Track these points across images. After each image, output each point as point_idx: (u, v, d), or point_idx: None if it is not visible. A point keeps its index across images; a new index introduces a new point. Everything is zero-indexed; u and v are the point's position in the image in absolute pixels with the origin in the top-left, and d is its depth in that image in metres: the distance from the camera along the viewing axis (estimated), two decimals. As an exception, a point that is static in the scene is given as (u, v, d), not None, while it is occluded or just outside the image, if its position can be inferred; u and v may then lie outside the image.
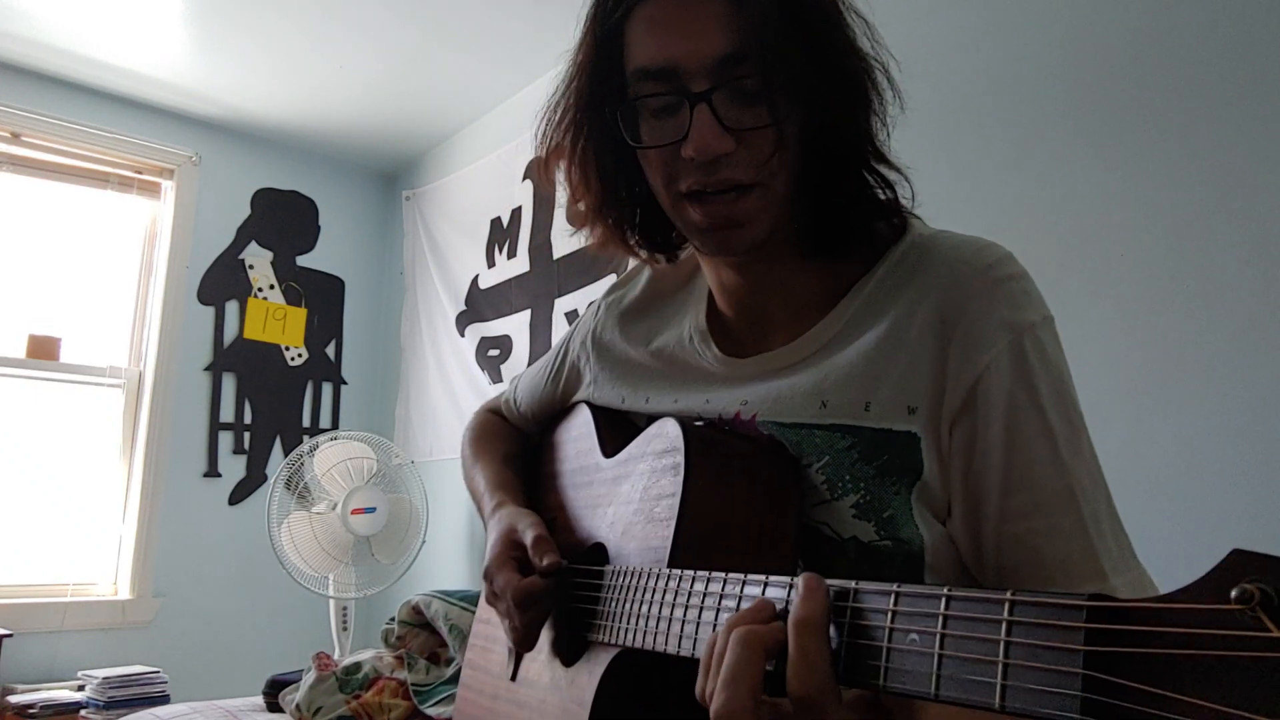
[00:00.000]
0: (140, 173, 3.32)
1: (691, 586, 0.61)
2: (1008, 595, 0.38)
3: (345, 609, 2.86)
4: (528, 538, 0.82)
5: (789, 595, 0.51)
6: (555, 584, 0.80)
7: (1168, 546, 1.35)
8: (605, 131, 0.75)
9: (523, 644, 0.82)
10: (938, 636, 0.40)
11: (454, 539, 3.12)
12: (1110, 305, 1.48)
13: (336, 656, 2.58)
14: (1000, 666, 0.37)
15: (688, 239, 0.79)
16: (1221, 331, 1.35)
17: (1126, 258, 1.47)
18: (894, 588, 0.44)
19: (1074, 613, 0.34)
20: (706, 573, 0.61)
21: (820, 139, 0.70)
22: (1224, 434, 1.32)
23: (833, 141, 0.70)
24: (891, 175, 0.74)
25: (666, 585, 0.64)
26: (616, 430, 0.88)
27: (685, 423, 0.74)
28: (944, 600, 0.41)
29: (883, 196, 0.74)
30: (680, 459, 0.70)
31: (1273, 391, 1.28)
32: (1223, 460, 1.32)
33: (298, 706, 2.03)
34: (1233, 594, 0.28)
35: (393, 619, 2.25)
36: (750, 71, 0.66)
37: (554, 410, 1.03)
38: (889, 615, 0.43)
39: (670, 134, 0.69)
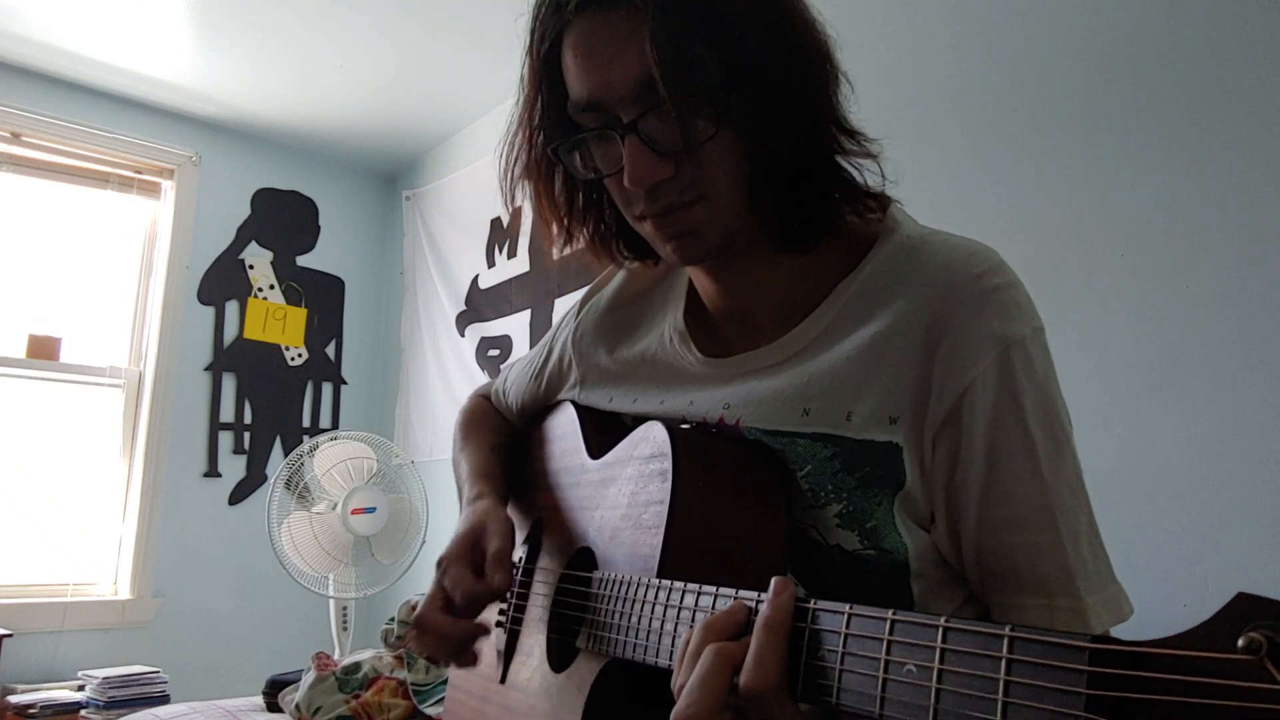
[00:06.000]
0: (140, 173, 3.31)
1: (681, 600, 0.61)
2: (1007, 631, 0.37)
3: (345, 609, 2.86)
4: (491, 547, 0.79)
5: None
6: (500, 595, 0.79)
7: (1168, 547, 1.35)
8: (560, 166, 0.76)
9: (451, 658, 0.78)
10: (935, 670, 0.39)
11: (454, 539, 3.11)
12: (1110, 305, 1.48)
13: (336, 656, 2.57)
14: (1000, 705, 0.36)
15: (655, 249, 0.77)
16: (1221, 331, 1.34)
17: (1126, 258, 1.47)
18: (889, 614, 0.43)
19: (1076, 654, 0.33)
20: (697, 586, 0.60)
21: (763, 137, 0.67)
22: (1224, 434, 1.32)
23: (777, 137, 0.67)
24: (855, 147, 0.70)
25: (655, 597, 0.64)
26: (602, 430, 0.87)
27: (672, 426, 0.72)
28: (941, 632, 0.40)
29: (857, 179, 0.71)
30: (668, 464, 0.68)
31: (1273, 391, 1.27)
32: (1223, 460, 1.31)
33: (297, 706, 2.02)
34: (1240, 642, 0.27)
35: (392, 619, 2.24)
36: (672, 93, 0.63)
37: (538, 407, 1.02)
38: (884, 645, 0.42)
39: (614, 162, 0.69)
